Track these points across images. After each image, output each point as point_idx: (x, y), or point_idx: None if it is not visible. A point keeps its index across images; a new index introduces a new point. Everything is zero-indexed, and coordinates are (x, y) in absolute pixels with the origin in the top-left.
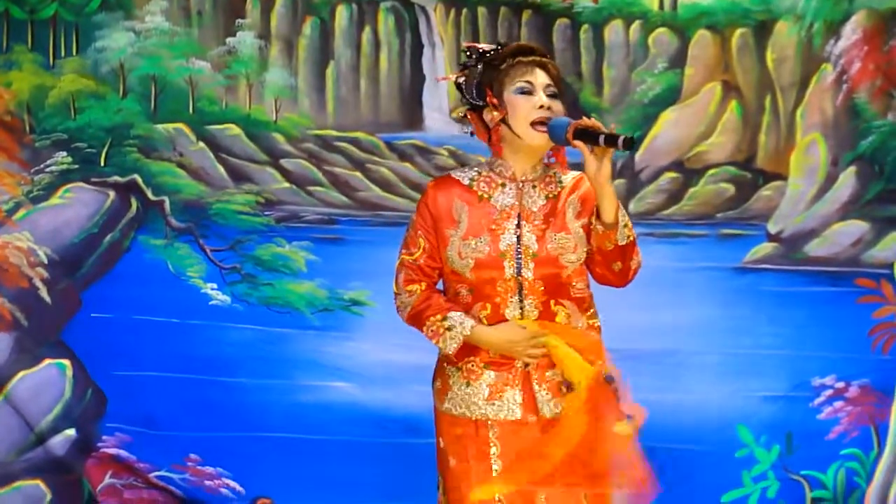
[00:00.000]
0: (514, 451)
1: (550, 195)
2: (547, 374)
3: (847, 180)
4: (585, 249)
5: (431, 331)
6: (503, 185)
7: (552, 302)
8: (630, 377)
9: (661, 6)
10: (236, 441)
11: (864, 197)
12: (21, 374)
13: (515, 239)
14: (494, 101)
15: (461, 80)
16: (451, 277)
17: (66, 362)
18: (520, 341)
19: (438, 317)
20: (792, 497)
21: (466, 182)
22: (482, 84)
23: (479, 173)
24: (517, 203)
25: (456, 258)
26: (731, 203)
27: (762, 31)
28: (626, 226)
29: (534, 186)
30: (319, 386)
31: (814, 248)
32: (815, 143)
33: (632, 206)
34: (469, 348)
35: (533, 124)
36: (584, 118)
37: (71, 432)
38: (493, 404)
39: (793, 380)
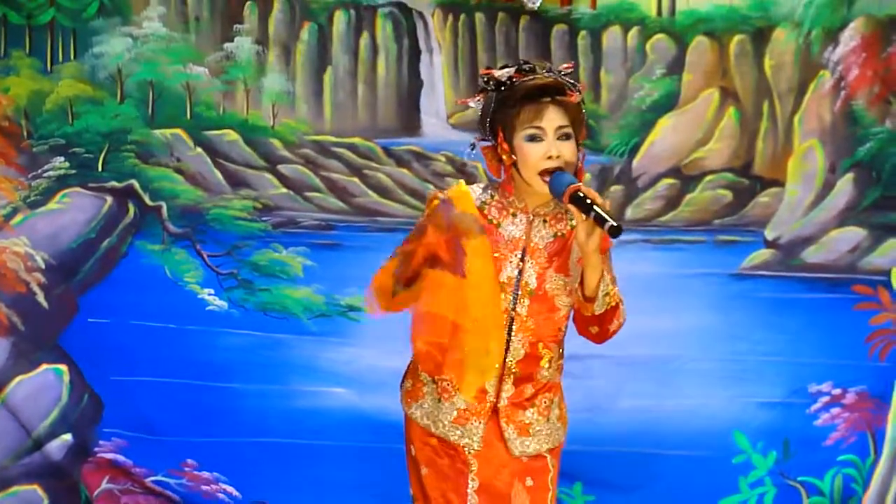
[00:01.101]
0: (491, 469)
1: (559, 234)
2: (517, 414)
3: (844, 187)
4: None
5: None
6: (514, 214)
7: (540, 345)
8: (627, 383)
9: (659, 12)
10: (233, 446)
11: (862, 203)
12: (18, 378)
13: (517, 273)
14: (505, 146)
15: (478, 106)
16: None
17: (63, 367)
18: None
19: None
20: (789, 503)
21: (478, 204)
22: (494, 123)
23: (492, 197)
24: (525, 237)
25: None
26: (729, 209)
27: (760, 37)
28: (606, 294)
29: (544, 221)
30: (316, 391)
31: (811, 254)
32: (813, 149)
33: (629, 213)
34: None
35: (541, 173)
36: (583, 186)
37: (68, 437)
38: (458, 429)
39: (790, 386)
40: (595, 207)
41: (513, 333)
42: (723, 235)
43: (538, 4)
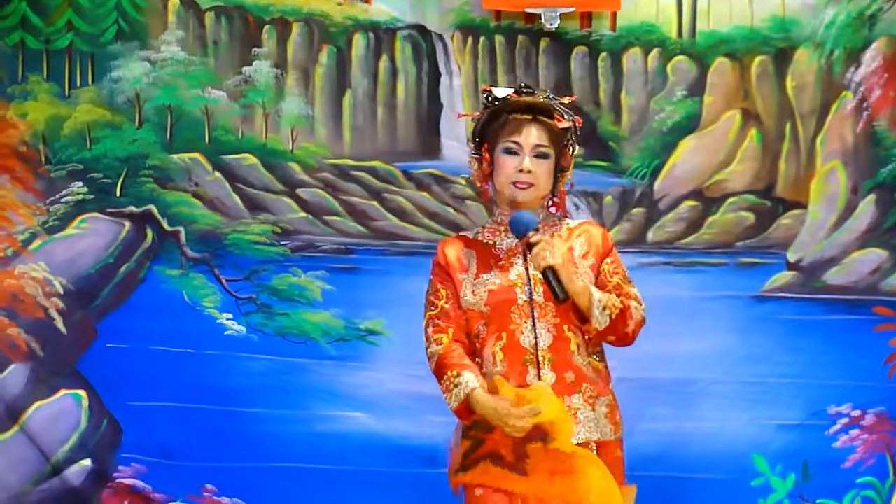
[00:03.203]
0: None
1: (555, 234)
2: (564, 399)
3: (866, 208)
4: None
5: (444, 385)
6: (506, 231)
7: (565, 327)
8: (647, 406)
9: (680, 34)
10: (252, 471)
11: (884, 225)
12: (37, 404)
13: (524, 270)
14: (487, 156)
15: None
16: (469, 318)
17: (82, 392)
18: (505, 412)
19: (454, 372)
20: None
21: (471, 236)
22: (483, 134)
23: (483, 227)
24: (521, 243)
25: (470, 296)
26: (751, 231)
27: (782, 58)
28: (604, 308)
29: (537, 229)
30: (335, 416)
31: (832, 276)
32: (835, 170)
33: (651, 235)
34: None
35: (514, 184)
36: (532, 234)
37: (87, 462)
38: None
39: (809, 408)
40: (548, 275)
41: (536, 320)
42: (745, 258)
43: (556, 24)
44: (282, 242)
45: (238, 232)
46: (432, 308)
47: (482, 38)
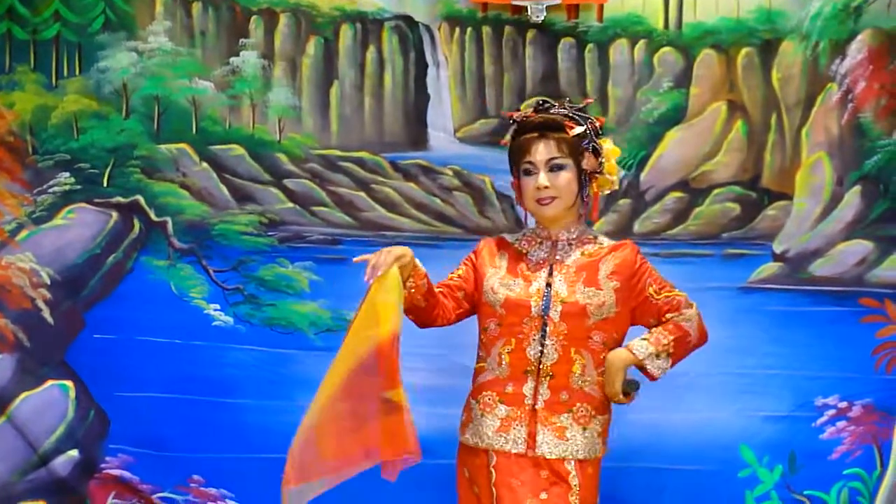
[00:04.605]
0: (508, 479)
1: (586, 252)
2: (552, 418)
3: (852, 199)
4: (614, 311)
5: None
6: (541, 242)
7: (572, 349)
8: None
9: (666, 25)
10: (239, 462)
11: (869, 216)
12: (24, 395)
13: (545, 285)
14: (515, 181)
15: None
16: (484, 311)
17: (69, 383)
18: (385, 253)
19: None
20: None
21: (511, 240)
22: (510, 159)
23: (524, 234)
24: (550, 257)
25: (490, 291)
26: (737, 223)
27: (768, 50)
28: (658, 356)
29: (570, 244)
30: None
31: (818, 267)
32: (821, 162)
33: (637, 226)
34: (489, 383)
35: (537, 202)
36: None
37: (74, 453)
38: (501, 436)
39: (796, 399)
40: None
41: (546, 336)
42: (731, 249)
43: (542, 17)
44: (269, 233)
45: (225, 222)
46: (448, 278)
47: (469, 29)
